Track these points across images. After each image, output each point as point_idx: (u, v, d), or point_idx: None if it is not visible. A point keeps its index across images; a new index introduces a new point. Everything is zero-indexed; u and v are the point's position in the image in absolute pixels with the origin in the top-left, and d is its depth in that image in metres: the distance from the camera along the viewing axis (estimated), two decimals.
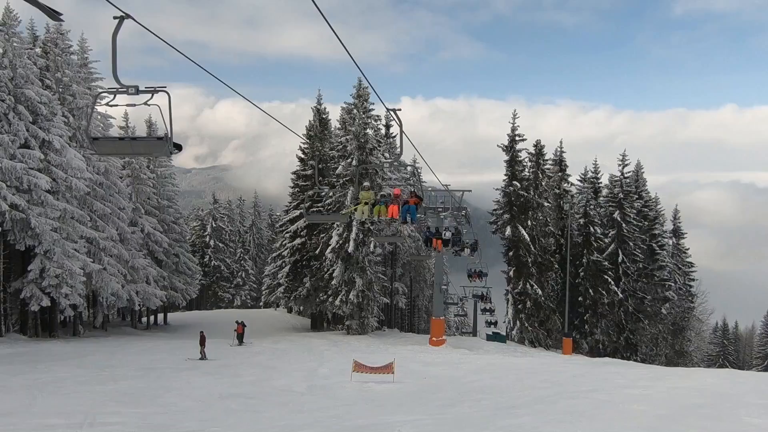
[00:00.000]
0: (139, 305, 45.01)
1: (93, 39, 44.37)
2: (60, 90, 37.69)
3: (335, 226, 42.55)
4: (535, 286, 48.42)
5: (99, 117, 42.86)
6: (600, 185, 57.14)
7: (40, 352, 28.52)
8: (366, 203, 18.97)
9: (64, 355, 27.64)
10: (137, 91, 8.56)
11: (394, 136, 52.62)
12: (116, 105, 8.82)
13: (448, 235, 32.79)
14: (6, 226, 31.52)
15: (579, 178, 57.58)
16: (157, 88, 8.60)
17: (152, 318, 56.27)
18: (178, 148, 9.06)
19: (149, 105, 8.68)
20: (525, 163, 50.92)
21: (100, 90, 9.24)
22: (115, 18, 8.37)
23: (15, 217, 31.49)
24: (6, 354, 27.05)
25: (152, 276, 45.63)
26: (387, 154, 45.29)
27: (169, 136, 8.64)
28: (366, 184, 20.59)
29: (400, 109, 15.02)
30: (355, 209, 19.56)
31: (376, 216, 18.93)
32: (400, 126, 15.51)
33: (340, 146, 45.31)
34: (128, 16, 8.42)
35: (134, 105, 8.80)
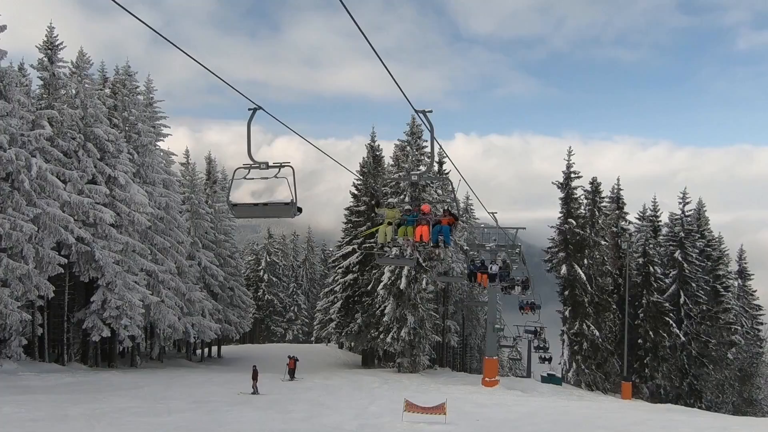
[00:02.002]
0: (195, 338, 45.81)
1: (159, 79, 46.40)
2: (126, 128, 39.39)
3: None
4: (592, 327, 46.99)
5: (162, 154, 44.54)
6: (660, 224, 55.52)
7: (99, 382, 29.24)
8: (389, 223, 15.69)
9: (122, 386, 28.26)
10: (267, 166, 10.20)
11: (448, 173, 52.67)
12: (252, 178, 10.36)
13: (495, 269, 30.12)
14: (72, 258, 32.77)
15: (637, 216, 56.14)
16: (283, 164, 10.13)
17: (206, 350, 57.14)
18: (300, 210, 10.45)
19: (278, 177, 10.08)
20: (581, 201, 50.03)
21: (238, 166, 10.58)
22: (249, 109, 10.40)
23: (81, 249, 32.75)
24: (68, 383, 27.83)
25: (207, 309, 46.47)
26: (440, 191, 45.25)
27: (294, 201, 10.21)
28: (390, 200, 17.82)
29: (431, 111, 12.33)
30: (377, 230, 16.33)
31: (401, 238, 15.49)
32: (431, 131, 13.09)
33: (393, 183, 45.59)
34: (260, 108, 10.38)
35: (266, 178, 10.30)
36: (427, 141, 45.14)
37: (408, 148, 44.84)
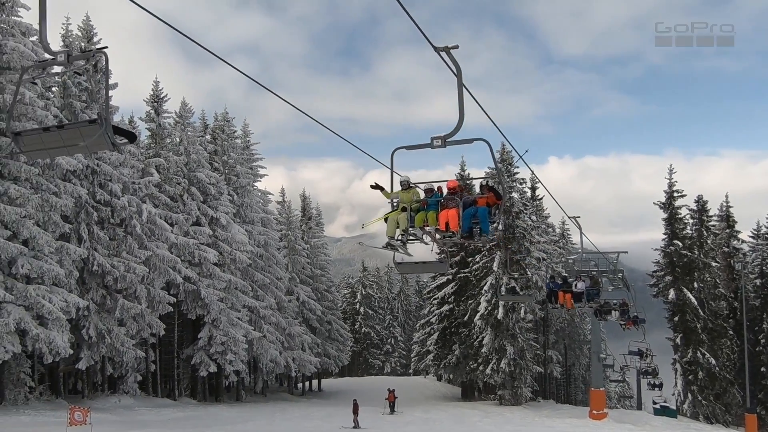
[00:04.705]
0: (295, 371, 46.71)
1: (256, 121, 48.82)
2: (226, 171, 41.36)
3: (483, 291, 41.85)
4: (707, 355, 43.90)
5: (259, 194, 46.34)
6: None
7: (208, 417, 30.31)
8: (404, 209, 10.95)
9: (229, 420, 29.15)
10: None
11: (541, 198, 51.51)
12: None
13: (580, 286, 25.58)
14: (180, 297, 34.49)
15: (751, 235, 52.42)
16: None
17: (307, 384, 58.05)
18: (451, 266, 10.34)
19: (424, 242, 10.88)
20: (686, 221, 47.33)
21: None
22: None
23: (188, 288, 34.42)
24: (180, 417, 29.04)
25: (307, 343, 47.37)
26: (534, 217, 44.29)
27: (448, 259, 9.88)
28: (404, 179, 11.25)
29: (456, 47, 8.85)
30: (386, 219, 11.13)
31: (419, 227, 10.82)
32: (459, 76, 9.08)
33: None
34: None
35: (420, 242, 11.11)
36: (519, 168, 44.48)
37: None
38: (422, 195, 11.08)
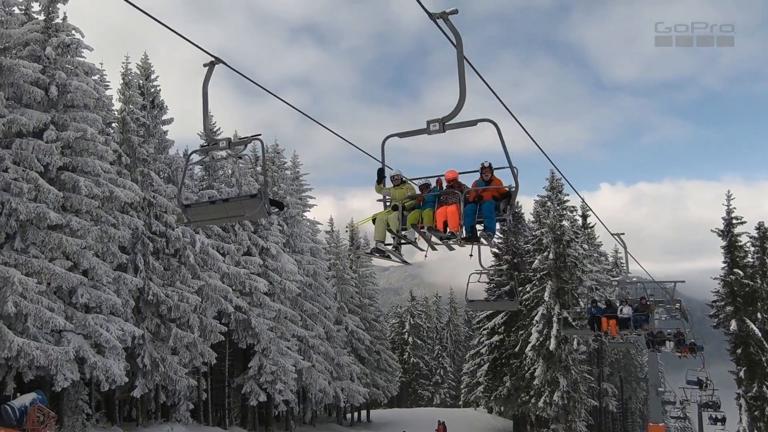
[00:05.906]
0: (344, 402, 46.49)
1: (307, 152, 49.74)
2: None
3: (534, 321, 41.04)
4: None
5: (308, 224, 46.90)
6: None
7: None
8: (395, 207, 9.34)
9: None
10: (490, 269, 10.31)
11: (593, 226, 50.50)
12: (484, 282, 10.61)
13: (627, 311, 23.41)
14: (231, 326, 34.96)
15: None
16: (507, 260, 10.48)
17: (356, 414, 57.65)
18: (521, 303, 9.10)
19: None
20: (747, 249, 45.53)
21: (472, 272, 11.13)
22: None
23: (239, 318, 34.88)
24: None
25: (356, 373, 47.19)
26: (586, 245, 43.40)
27: (517, 297, 9.17)
28: (395, 173, 9.59)
29: (455, 11, 7.44)
30: (374, 219, 9.51)
31: (410, 226, 9.11)
32: (459, 47, 7.60)
33: (535, 239, 44.44)
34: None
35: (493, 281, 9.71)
36: (569, 195, 43.82)
37: (549, 203, 43.74)
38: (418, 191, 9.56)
